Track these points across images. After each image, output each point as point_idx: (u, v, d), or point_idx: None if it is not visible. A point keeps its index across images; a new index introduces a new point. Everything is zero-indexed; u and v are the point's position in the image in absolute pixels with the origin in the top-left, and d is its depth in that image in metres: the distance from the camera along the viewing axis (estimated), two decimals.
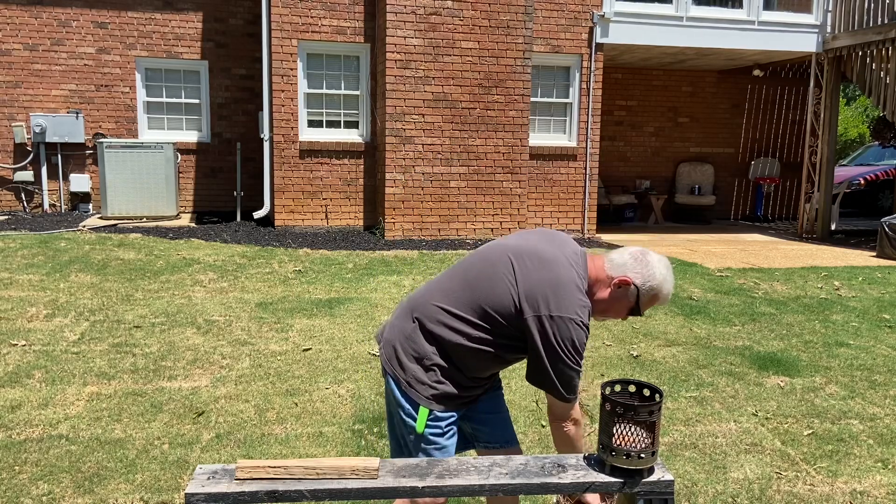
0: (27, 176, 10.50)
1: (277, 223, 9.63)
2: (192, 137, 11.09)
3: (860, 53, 10.47)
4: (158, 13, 10.69)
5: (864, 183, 14.47)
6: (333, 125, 9.90)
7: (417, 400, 2.16)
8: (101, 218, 9.89)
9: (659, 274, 2.12)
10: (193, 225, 9.70)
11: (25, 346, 4.85)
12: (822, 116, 11.15)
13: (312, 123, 9.77)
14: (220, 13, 10.91)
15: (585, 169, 10.49)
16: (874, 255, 9.51)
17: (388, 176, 9.32)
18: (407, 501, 2.23)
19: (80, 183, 10.58)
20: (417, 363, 2.16)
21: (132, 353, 4.79)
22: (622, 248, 2.19)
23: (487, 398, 2.37)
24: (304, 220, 9.70)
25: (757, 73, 12.16)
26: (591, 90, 10.34)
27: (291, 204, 9.64)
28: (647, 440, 1.72)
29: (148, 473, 3.25)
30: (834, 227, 11.78)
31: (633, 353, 5.11)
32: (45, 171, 10.57)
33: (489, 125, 9.57)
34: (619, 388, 1.85)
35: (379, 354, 2.64)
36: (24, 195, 10.65)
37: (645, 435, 1.71)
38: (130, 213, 9.89)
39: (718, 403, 4.25)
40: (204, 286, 6.51)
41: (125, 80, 10.74)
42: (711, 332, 5.69)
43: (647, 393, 1.84)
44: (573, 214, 10.50)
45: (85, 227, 9.15)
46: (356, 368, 4.65)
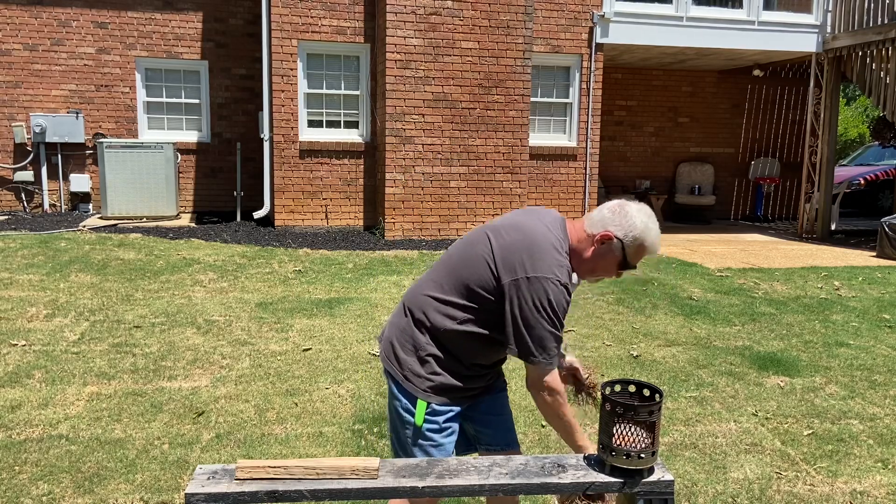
0: (27, 176, 10.51)
1: (277, 223, 9.63)
2: (192, 137, 11.09)
3: (860, 53, 10.47)
4: (158, 13, 10.69)
5: (864, 183, 14.46)
6: (333, 125, 9.90)
7: (415, 393, 2.15)
8: (101, 218, 9.89)
9: (640, 222, 2.06)
10: (193, 225, 9.70)
11: (25, 346, 4.85)
12: (822, 116, 11.16)
13: (312, 123, 9.77)
14: (220, 13, 10.91)
15: (585, 169, 10.50)
16: (874, 255, 9.51)
17: (388, 176, 9.32)
18: (403, 501, 2.22)
19: (80, 183, 10.58)
20: (413, 355, 2.16)
21: (132, 353, 4.79)
22: (601, 205, 2.16)
23: (491, 399, 2.35)
24: (304, 220, 9.70)
25: (757, 73, 12.16)
26: (591, 90, 10.34)
27: (291, 204, 9.64)
28: (647, 440, 1.72)
29: (148, 473, 3.25)
30: (834, 227, 11.78)
31: (633, 353, 5.11)
32: (45, 171, 10.57)
33: (489, 125, 9.56)
34: (619, 388, 1.85)
35: (379, 354, 2.64)
36: (24, 195, 10.65)
37: (645, 435, 1.71)
38: (130, 213, 9.89)
39: (718, 403, 4.25)
40: (204, 286, 6.51)
41: (125, 80, 10.74)
42: (711, 332, 5.69)
43: (647, 393, 1.84)
44: (573, 214, 10.49)
45: (85, 227, 9.15)
46: (356, 368, 4.65)
